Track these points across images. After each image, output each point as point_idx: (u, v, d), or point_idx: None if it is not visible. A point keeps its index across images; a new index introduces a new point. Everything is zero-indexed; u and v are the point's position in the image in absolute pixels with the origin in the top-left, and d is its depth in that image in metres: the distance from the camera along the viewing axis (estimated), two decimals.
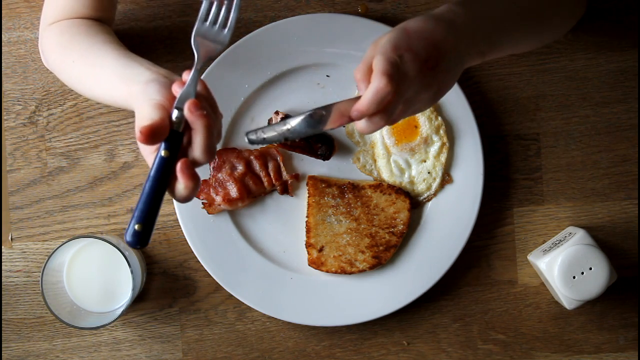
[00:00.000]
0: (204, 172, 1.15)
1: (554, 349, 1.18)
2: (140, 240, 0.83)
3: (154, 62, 1.17)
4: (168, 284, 1.17)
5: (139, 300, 1.17)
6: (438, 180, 1.15)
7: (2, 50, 1.17)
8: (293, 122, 0.85)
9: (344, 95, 1.15)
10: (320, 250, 1.14)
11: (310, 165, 1.16)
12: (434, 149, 1.15)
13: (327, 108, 0.84)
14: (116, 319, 1.06)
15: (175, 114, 0.82)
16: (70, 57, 0.99)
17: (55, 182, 1.17)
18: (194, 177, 0.82)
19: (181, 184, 0.82)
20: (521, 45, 0.99)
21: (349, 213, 1.14)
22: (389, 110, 0.81)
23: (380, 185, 1.14)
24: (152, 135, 0.80)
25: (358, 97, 0.82)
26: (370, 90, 0.80)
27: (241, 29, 1.17)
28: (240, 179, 1.14)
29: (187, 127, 0.82)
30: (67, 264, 1.12)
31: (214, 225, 1.15)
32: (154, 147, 0.82)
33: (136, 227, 0.83)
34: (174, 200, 1.13)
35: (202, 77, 1.14)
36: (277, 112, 1.14)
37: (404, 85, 0.81)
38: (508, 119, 1.18)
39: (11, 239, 1.17)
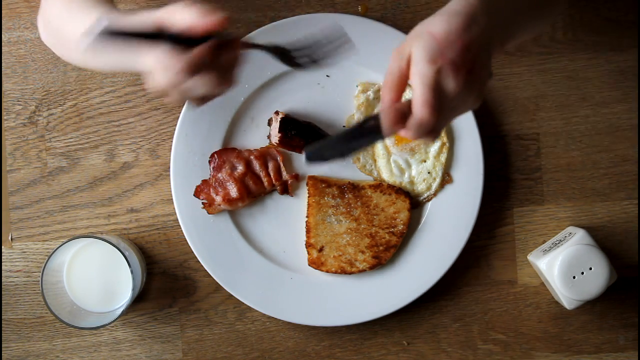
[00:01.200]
0: (204, 172, 1.15)
1: (554, 349, 1.18)
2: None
3: None
4: (168, 284, 1.17)
5: (139, 300, 1.17)
6: (438, 180, 1.15)
7: (2, 50, 1.17)
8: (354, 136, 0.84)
9: (344, 95, 1.15)
10: (320, 250, 1.14)
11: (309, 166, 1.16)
12: (434, 149, 1.15)
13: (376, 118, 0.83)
14: (116, 319, 1.06)
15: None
16: (70, 5, 0.93)
17: (55, 182, 1.17)
18: None
19: None
20: (533, 29, 0.97)
21: (349, 213, 1.14)
22: (437, 127, 0.81)
23: (380, 185, 1.14)
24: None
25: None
26: (414, 123, 0.80)
27: (241, 29, 1.17)
28: (240, 179, 1.14)
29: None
30: (67, 264, 1.12)
31: (214, 225, 1.15)
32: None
33: None
34: (174, 200, 1.14)
35: None
36: (277, 112, 1.14)
37: (447, 100, 0.80)
38: (508, 119, 1.18)
39: (11, 239, 1.17)
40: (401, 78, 0.81)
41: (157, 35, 0.81)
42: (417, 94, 0.79)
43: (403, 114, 0.80)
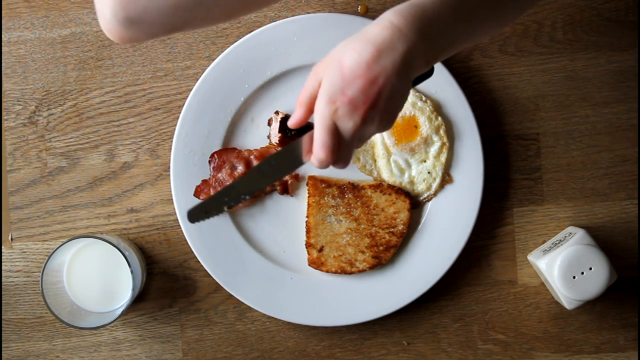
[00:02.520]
0: (204, 172, 1.15)
1: (554, 349, 1.18)
2: None
3: (154, 62, 1.18)
4: (168, 284, 1.17)
5: (139, 300, 1.17)
6: (438, 180, 1.15)
7: (2, 50, 1.17)
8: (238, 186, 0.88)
9: None
10: (320, 250, 1.14)
11: (310, 165, 1.16)
12: (434, 149, 1.15)
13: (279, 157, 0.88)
14: (116, 319, 1.06)
15: None
16: None
17: (55, 182, 1.17)
18: None
19: None
20: (473, 40, 0.91)
21: (349, 213, 1.14)
22: (342, 159, 0.83)
23: (380, 185, 1.14)
24: None
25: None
26: (314, 160, 0.83)
27: (241, 29, 1.17)
28: None
29: None
30: (67, 264, 1.12)
31: (214, 225, 1.15)
32: None
33: None
34: (174, 200, 1.14)
35: (202, 77, 1.14)
36: (277, 112, 1.14)
37: (346, 138, 0.82)
38: (508, 119, 1.18)
39: (11, 239, 1.17)
40: (312, 98, 0.84)
41: None
42: (316, 134, 0.82)
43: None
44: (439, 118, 1.14)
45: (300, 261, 1.16)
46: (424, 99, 1.14)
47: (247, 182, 0.88)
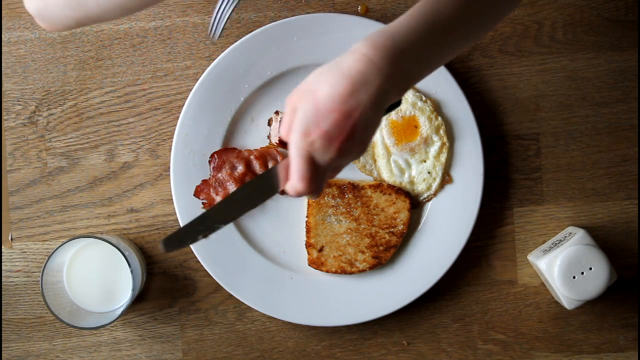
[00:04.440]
0: (204, 172, 1.15)
1: (554, 349, 1.18)
2: None
3: (154, 62, 1.18)
4: (168, 284, 1.17)
5: (139, 300, 1.17)
6: (438, 180, 1.15)
7: (2, 50, 1.17)
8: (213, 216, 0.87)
9: None
10: (320, 250, 1.14)
11: None
12: (434, 149, 1.15)
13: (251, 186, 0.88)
14: (116, 319, 1.06)
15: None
16: None
17: (55, 182, 1.17)
18: None
19: None
20: (444, 62, 0.90)
21: (349, 213, 1.14)
22: (317, 189, 0.83)
23: (380, 185, 1.14)
24: None
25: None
26: (290, 189, 0.83)
27: (241, 29, 1.17)
28: (240, 179, 1.14)
29: None
30: (67, 264, 1.12)
31: None
32: None
33: None
34: (174, 200, 1.14)
35: (202, 77, 1.14)
36: (277, 112, 1.14)
37: (323, 168, 0.82)
38: (508, 119, 1.18)
39: (11, 239, 1.17)
40: None
41: None
42: (292, 164, 0.82)
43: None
44: (439, 118, 1.14)
45: (300, 261, 1.16)
46: (424, 99, 1.14)
47: (222, 212, 0.87)
